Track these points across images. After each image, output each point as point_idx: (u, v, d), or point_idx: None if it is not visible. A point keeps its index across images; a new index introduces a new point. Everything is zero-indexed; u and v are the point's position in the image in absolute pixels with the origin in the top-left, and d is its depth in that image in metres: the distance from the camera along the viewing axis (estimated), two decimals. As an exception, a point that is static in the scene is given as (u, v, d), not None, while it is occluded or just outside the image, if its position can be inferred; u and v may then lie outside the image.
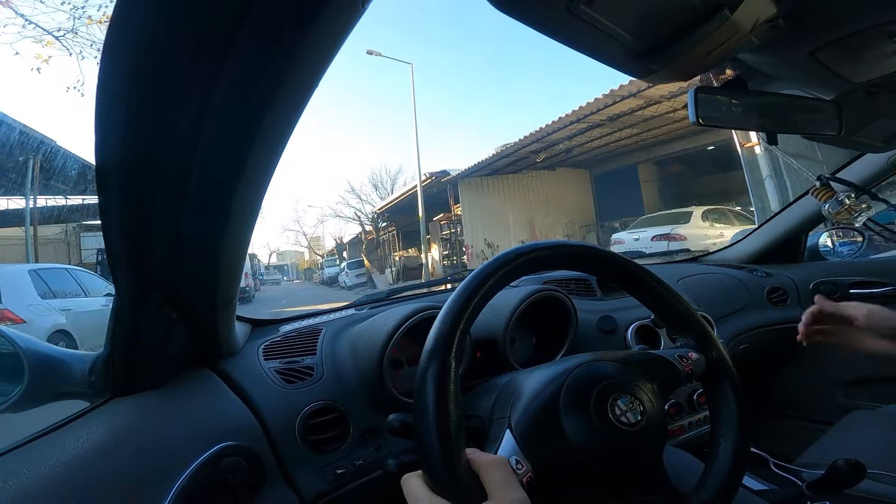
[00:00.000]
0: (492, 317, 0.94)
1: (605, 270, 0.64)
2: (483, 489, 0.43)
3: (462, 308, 0.51)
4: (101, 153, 0.44)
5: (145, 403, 0.68)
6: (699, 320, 0.65)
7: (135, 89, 0.39)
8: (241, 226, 0.58)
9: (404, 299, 1.20)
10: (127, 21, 0.35)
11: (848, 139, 0.86)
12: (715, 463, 0.59)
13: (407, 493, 0.44)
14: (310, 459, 0.73)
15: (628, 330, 1.14)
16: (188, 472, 0.61)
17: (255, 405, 0.74)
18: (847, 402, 1.44)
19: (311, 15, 0.36)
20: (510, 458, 0.48)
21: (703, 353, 0.62)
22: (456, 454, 0.44)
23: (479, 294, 0.52)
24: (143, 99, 0.40)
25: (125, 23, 0.35)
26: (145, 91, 0.40)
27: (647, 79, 0.63)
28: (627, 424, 0.51)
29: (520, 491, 0.42)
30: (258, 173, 0.51)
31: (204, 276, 0.63)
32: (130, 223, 0.52)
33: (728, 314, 1.40)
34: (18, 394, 0.65)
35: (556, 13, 0.48)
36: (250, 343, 0.89)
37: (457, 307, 0.51)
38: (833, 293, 1.48)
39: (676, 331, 0.67)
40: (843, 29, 0.60)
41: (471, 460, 0.45)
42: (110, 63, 0.37)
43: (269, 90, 0.41)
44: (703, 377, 0.63)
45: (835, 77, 0.72)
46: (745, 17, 0.52)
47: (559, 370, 0.57)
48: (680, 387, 0.61)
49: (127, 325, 0.64)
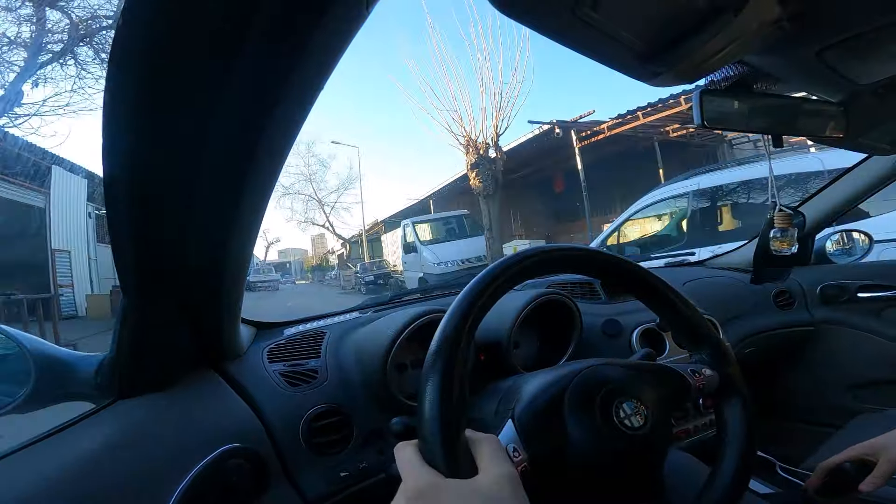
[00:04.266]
0: (495, 320, 0.94)
1: (617, 278, 0.64)
2: (475, 464, 0.43)
3: (466, 311, 0.50)
4: (108, 163, 0.44)
5: (151, 405, 0.68)
6: (716, 336, 0.64)
7: (141, 98, 0.40)
8: (245, 229, 0.58)
9: (409, 303, 1.20)
10: (132, 30, 0.35)
11: (854, 142, 0.85)
12: (718, 478, 0.58)
13: (399, 459, 0.44)
14: (313, 462, 0.73)
15: (633, 334, 1.14)
16: (192, 475, 0.61)
17: (260, 407, 0.74)
18: (854, 405, 1.43)
19: (317, 19, 0.36)
20: (508, 446, 0.48)
21: (717, 369, 0.62)
22: (454, 434, 0.44)
23: (484, 297, 0.52)
24: (149, 108, 0.41)
25: (131, 31, 0.35)
26: (151, 100, 0.40)
27: (653, 82, 0.62)
28: (631, 428, 0.51)
29: (510, 467, 0.43)
30: (262, 178, 0.51)
31: (209, 279, 0.63)
32: (137, 229, 0.53)
33: (734, 318, 1.39)
34: (25, 395, 0.65)
35: (560, 17, 0.47)
36: (255, 345, 0.89)
37: (461, 311, 0.50)
38: (840, 296, 1.47)
39: (692, 346, 0.66)
40: (849, 30, 0.60)
41: (466, 437, 0.45)
42: (116, 73, 0.38)
43: (273, 96, 0.41)
44: (714, 394, 0.62)
45: (841, 79, 0.71)
46: (751, 18, 0.52)
47: (566, 371, 0.57)
48: (689, 402, 0.60)
49: (133, 327, 0.64)
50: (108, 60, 0.37)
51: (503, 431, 0.51)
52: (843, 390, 1.48)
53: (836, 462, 0.77)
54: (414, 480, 0.41)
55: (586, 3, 0.46)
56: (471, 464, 0.43)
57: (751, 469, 0.58)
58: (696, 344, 0.65)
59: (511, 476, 0.41)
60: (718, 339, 0.64)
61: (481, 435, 0.46)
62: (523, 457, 0.49)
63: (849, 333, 1.46)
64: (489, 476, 0.41)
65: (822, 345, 1.50)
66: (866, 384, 1.43)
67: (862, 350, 1.43)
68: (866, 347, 1.42)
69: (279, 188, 22.89)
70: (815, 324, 1.49)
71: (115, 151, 0.44)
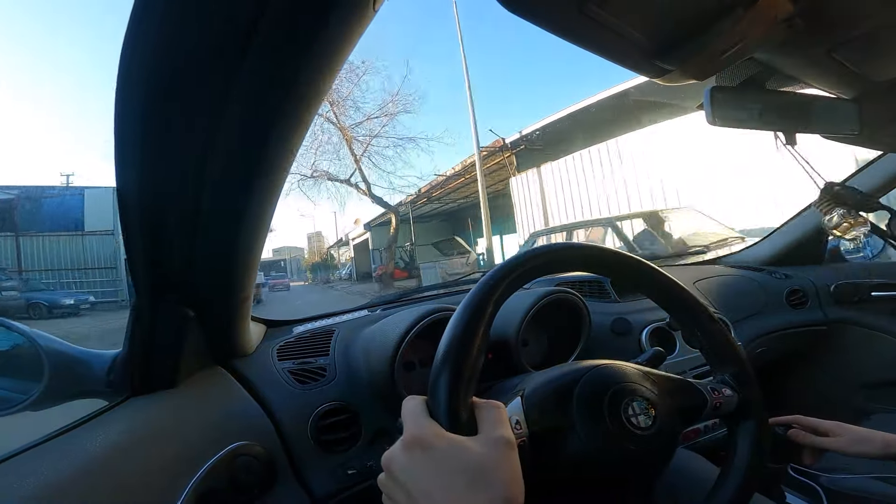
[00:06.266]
0: (504, 318, 0.93)
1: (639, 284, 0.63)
2: (476, 426, 0.44)
3: (477, 310, 0.50)
4: (120, 167, 0.45)
5: (162, 402, 0.69)
6: (742, 357, 0.63)
7: (150, 102, 0.40)
8: (254, 230, 0.58)
9: (418, 300, 1.20)
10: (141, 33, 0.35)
11: (869, 139, 0.84)
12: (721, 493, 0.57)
13: (405, 409, 0.46)
14: (321, 459, 0.74)
15: (643, 333, 1.13)
16: (202, 471, 0.62)
17: (269, 405, 0.75)
18: (867, 405, 1.41)
19: (324, 19, 0.36)
20: (511, 417, 0.49)
21: (738, 391, 0.60)
22: (462, 394, 0.45)
23: (495, 296, 0.51)
24: (158, 111, 0.41)
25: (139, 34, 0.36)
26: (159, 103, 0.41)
27: (662, 79, 0.62)
28: (638, 427, 0.51)
29: (508, 431, 0.43)
30: (270, 179, 0.51)
31: (219, 277, 0.64)
32: (149, 232, 0.54)
33: (746, 317, 1.38)
34: (39, 392, 0.66)
35: (567, 14, 0.47)
36: (264, 343, 0.90)
37: (471, 309, 0.50)
38: (854, 295, 1.45)
39: (716, 364, 0.64)
40: (861, 26, 0.59)
41: (473, 402, 0.46)
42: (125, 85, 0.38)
43: (280, 97, 0.42)
44: (730, 415, 0.61)
45: (854, 75, 0.70)
46: (761, 15, 0.51)
47: (576, 368, 0.57)
48: (702, 418, 0.59)
49: (145, 325, 0.65)
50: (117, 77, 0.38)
51: (510, 404, 0.51)
52: (855, 390, 1.46)
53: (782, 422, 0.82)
54: (415, 428, 0.42)
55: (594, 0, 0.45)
56: (473, 425, 0.44)
57: (756, 485, 0.57)
58: (720, 363, 0.63)
59: (508, 441, 0.42)
60: (743, 360, 0.63)
61: (487, 401, 0.46)
62: (524, 430, 0.49)
63: (862, 333, 1.43)
64: (487, 436, 0.42)
65: (835, 344, 1.48)
66: (879, 384, 1.41)
67: (875, 350, 1.41)
68: (880, 347, 1.40)
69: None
70: (828, 323, 1.47)
71: (126, 155, 0.44)
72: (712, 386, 0.60)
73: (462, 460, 0.39)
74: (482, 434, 0.43)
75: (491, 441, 0.41)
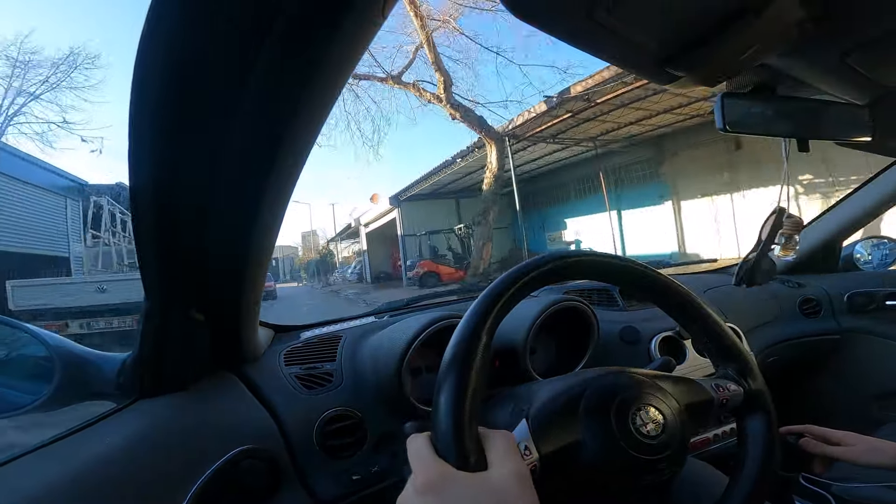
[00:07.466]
0: (512, 326, 0.93)
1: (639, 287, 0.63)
2: (486, 460, 0.43)
3: (482, 318, 0.50)
4: (133, 173, 0.46)
5: (170, 405, 0.70)
6: (745, 351, 0.63)
7: (163, 112, 0.41)
8: (264, 234, 0.59)
9: (425, 307, 1.20)
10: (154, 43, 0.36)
11: (882, 145, 0.83)
12: (734, 494, 0.56)
13: (411, 450, 0.45)
14: (326, 464, 0.74)
15: (652, 341, 1.12)
16: (207, 474, 0.62)
17: (275, 409, 0.75)
18: (880, 415, 1.38)
19: (336, 26, 0.36)
20: (520, 443, 0.48)
21: (743, 385, 0.60)
22: (467, 428, 0.44)
23: (500, 304, 0.51)
24: (171, 121, 0.42)
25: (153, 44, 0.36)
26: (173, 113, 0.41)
27: (672, 85, 0.61)
28: (647, 436, 0.50)
29: (520, 463, 0.42)
30: (280, 186, 0.52)
31: (229, 281, 0.64)
32: (161, 237, 0.54)
33: (758, 326, 1.36)
34: (49, 393, 0.67)
35: (576, 20, 0.47)
36: (272, 348, 0.90)
37: (477, 317, 0.50)
38: (868, 305, 1.43)
39: (718, 359, 0.64)
40: (874, 31, 0.58)
41: (479, 432, 0.45)
42: (140, 87, 0.39)
43: (291, 103, 0.42)
44: (737, 410, 0.61)
45: (867, 81, 0.70)
46: (772, 20, 0.51)
47: (583, 377, 0.57)
48: (711, 416, 0.59)
49: (155, 328, 0.65)
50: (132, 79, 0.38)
51: (517, 429, 0.50)
52: (868, 400, 1.43)
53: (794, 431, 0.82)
54: (424, 472, 0.41)
55: (603, 6, 0.45)
56: (482, 459, 0.43)
57: (768, 489, 0.56)
58: (722, 358, 0.63)
59: (521, 473, 0.41)
60: (745, 353, 0.63)
61: (494, 431, 0.46)
62: (534, 456, 0.48)
63: (876, 342, 1.41)
64: (499, 471, 0.41)
65: (848, 354, 1.46)
66: (893, 394, 1.39)
67: (889, 359, 1.39)
68: (894, 357, 1.38)
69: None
70: (841, 332, 1.45)
71: (139, 162, 0.45)
72: (716, 382, 0.60)
73: (477, 501, 0.39)
74: (493, 469, 0.42)
75: (503, 477, 0.41)
